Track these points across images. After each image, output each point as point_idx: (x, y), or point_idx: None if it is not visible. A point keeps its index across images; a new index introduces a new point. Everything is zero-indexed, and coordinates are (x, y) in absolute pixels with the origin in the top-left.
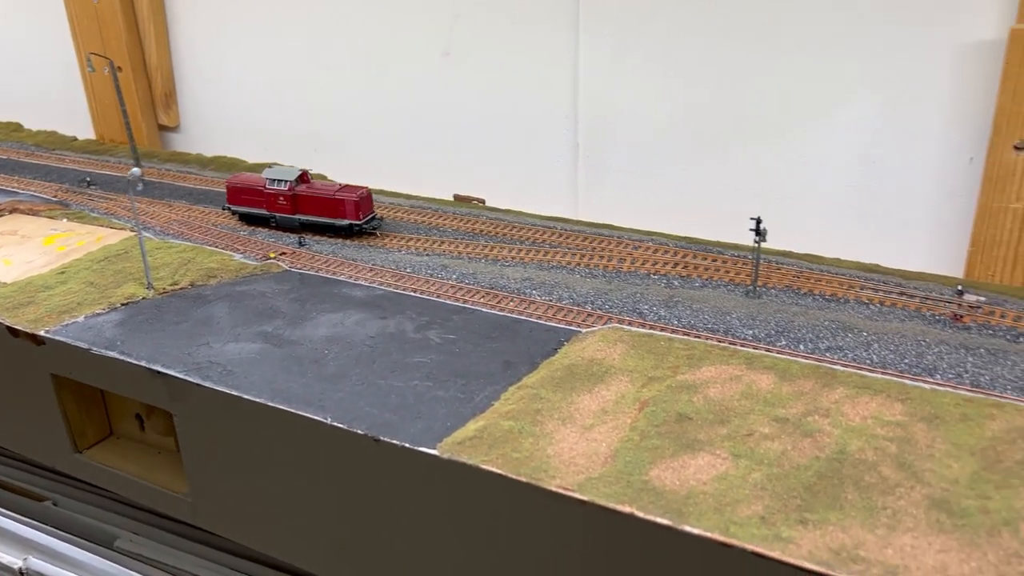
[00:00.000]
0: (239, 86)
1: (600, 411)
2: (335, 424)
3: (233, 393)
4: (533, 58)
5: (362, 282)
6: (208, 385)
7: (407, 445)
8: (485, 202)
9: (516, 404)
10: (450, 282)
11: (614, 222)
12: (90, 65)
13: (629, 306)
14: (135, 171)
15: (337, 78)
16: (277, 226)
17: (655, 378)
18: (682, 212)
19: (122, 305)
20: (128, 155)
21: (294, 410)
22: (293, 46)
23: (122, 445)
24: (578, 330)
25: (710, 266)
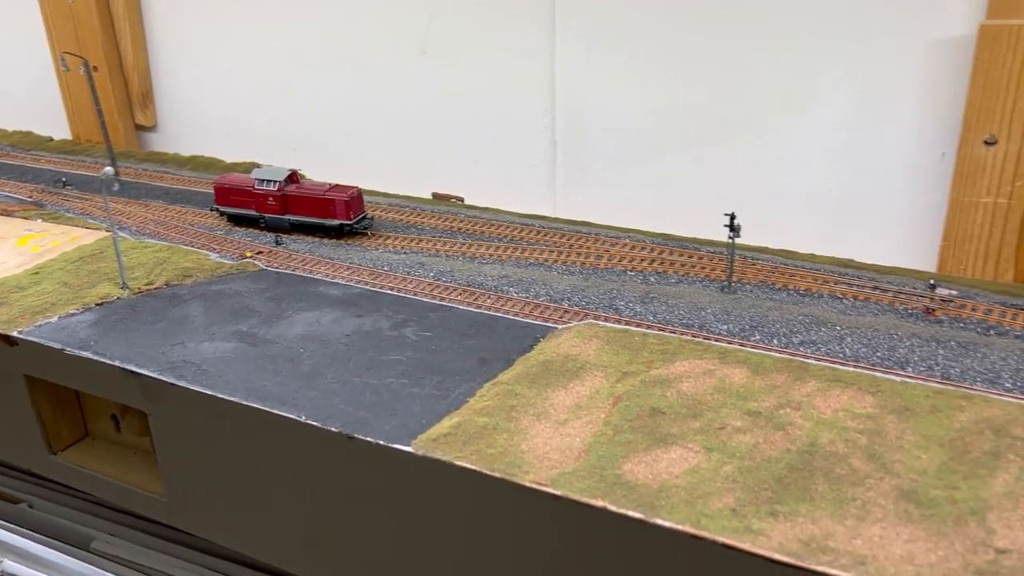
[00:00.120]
0: (217, 85)
1: (574, 406)
2: (309, 422)
3: (207, 392)
4: (510, 56)
5: (339, 280)
6: (182, 384)
7: (381, 442)
8: (464, 200)
9: (491, 400)
10: (427, 280)
11: (592, 219)
12: (64, 64)
13: (605, 302)
14: (108, 170)
15: (315, 77)
16: (267, 227)
17: (629, 373)
18: (659, 209)
19: (96, 305)
20: (104, 155)
21: (268, 409)
22: (271, 45)
23: (97, 446)
24: (554, 326)
25: (686, 262)
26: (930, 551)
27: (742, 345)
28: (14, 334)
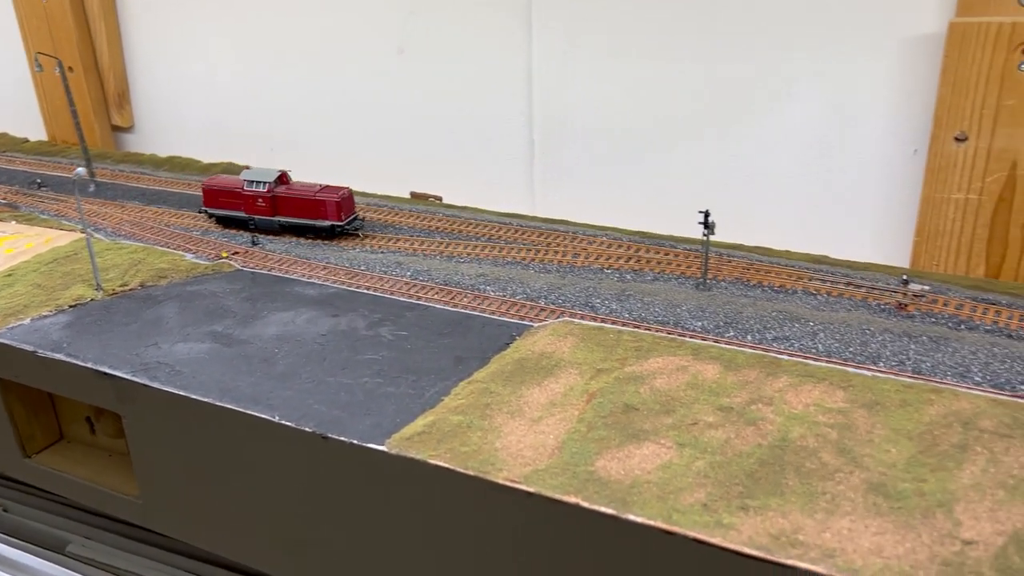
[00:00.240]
0: (194, 85)
1: (548, 404)
2: (283, 422)
3: (181, 393)
4: (487, 54)
5: (315, 280)
6: (156, 386)
7: (355, 442)
8: (442, 199)
9: (466, 399)
10: (404, 279)
11: (570, 218)
12: (38, 65)
13: (582, 300)
14: (79, 171)
15: (292, 76)
16: (256, 229)
17: (603, 370)
18: (637, 207)
19: (70, 307)
20: (80, 156)
21: (242, 409)
22: (248, 44)
23: (72, 449)
24: (531, 324)
25: (662, 260)
26: (898, 543)
27: (716, 341)
28: None
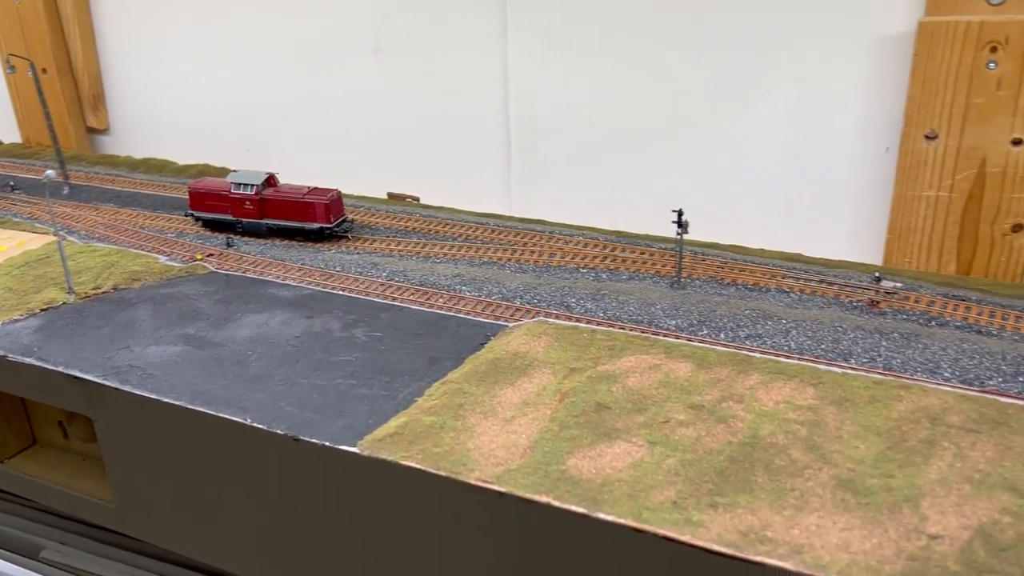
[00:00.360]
0: (170, 87)
1: (521, 403)
2: (255, 425)
3: (153, 396)
4: (463, 55)
5: (289, 282)
6: (127, 389)
7: (327, 444)
8: (419, 200)
9: (439, 399)
10: (380, 280)
11: (547, 217)
12: (9, 67)
13: (557, 300)
14: (49, 173)
15: (268, 77)
16: (244, 232)
17: (576, 369)
18: (613, 206)
19: (41, 311)
20: (55, 158)
21: (214, 412)
22: (224, 45)
23: (45, 454)
24: (506, 324)
25: (638, 259)
26: (865, 539)
27: (689, 340)
28: None
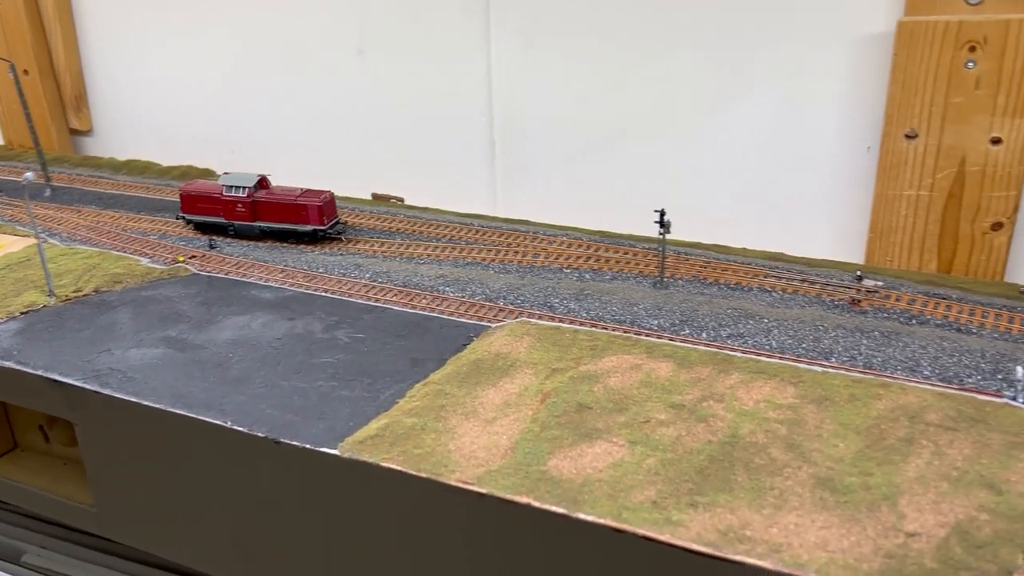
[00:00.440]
0: (153, 87)
1: (503, 404)
2: (235, 427)
3: (133, 400)
4: (446, 55)
5: (272, 284)
6: (107, 392)
7: (308, 446)
8: (403, 200)
9: (420, 401)
10: (363, 281)
11: (532, 218)
12: None
13: (540, 300)
14: (28, 175)
15: (252, 78)
16: (236, 234)
17: (558, 370)
18: (597, 206)
19: (21, 314)
20: (38, 161)
21: (194, 415)
22: (207, 46)
23: (27, 458)
24: (488, 325)
25: (621, 259)
26: (843, 537)
27: (671, 339)
28: None
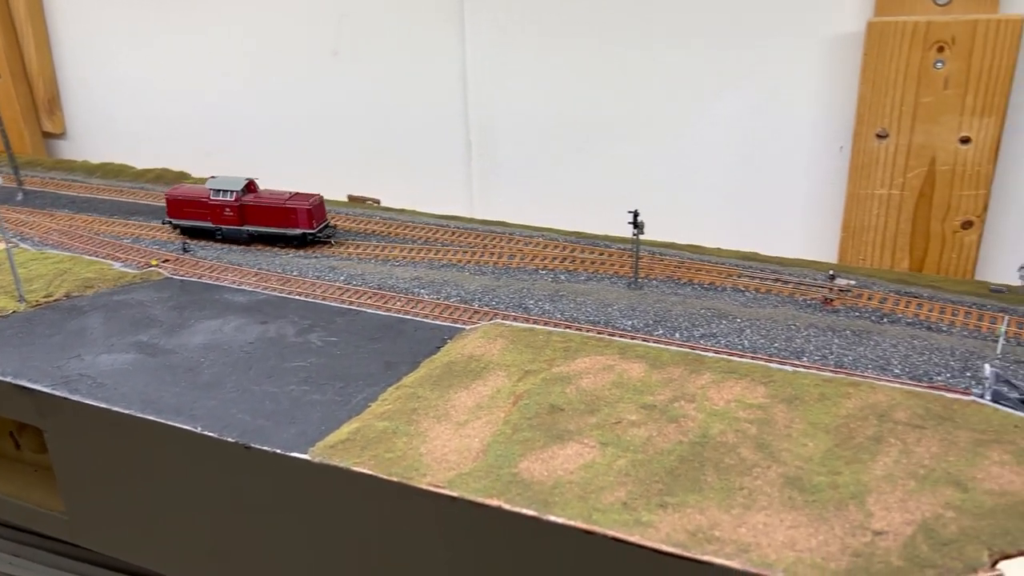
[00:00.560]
0: (128, 90)
1: (475, 407)
2: (206, 433)
3: (102, 406)
4: (422, 56)
5: (245, 287)
6: (76, 399)
7: (278, 451)
8: (380, 202)
9: (393, 404)
10: (337, 284)
11: (509, 219)
12: None
13: (515, 302)
14: None
15: (227, 80)
16: (223, 239)
17: (531, 371)
18: (573, 207)
19: None
20: (9, 165)
21: (164, 420)
22: (182, 48)
23: None
24: (463, 327)
25: (596, 259)
26: (811, 536)
27: (644, 340)
28: None
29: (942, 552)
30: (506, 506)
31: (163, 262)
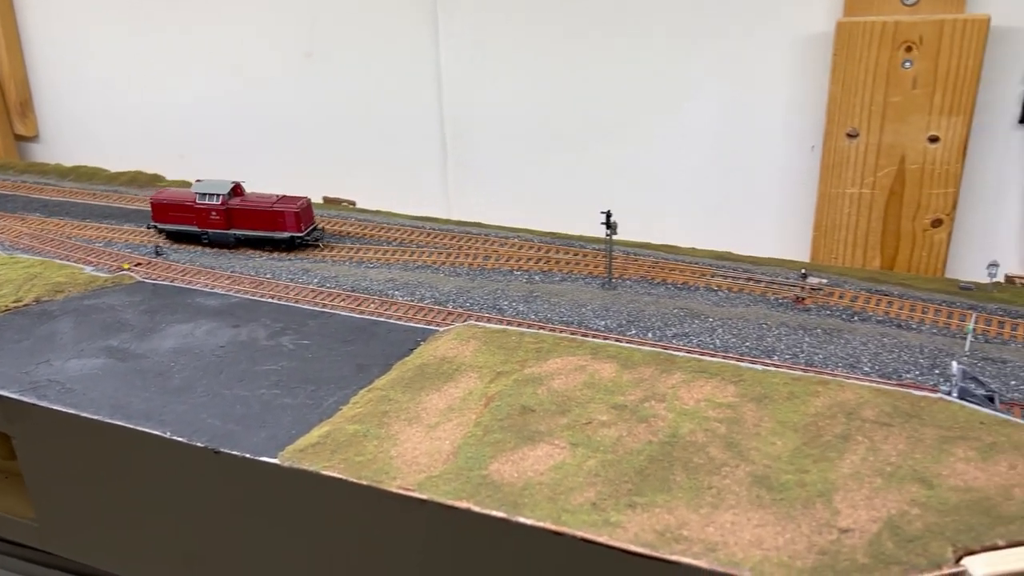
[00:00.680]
0: (100, 92)
1: (447, 409)
2: (175, 438)
3: (70, 411)
4: (396, 57)
5: (218, 290)
6: (44, 404)
7: (247, 455)
8: (355, 204)
9: (364, 407)
10: (310, 286)
11: (485, 220)
12: None
13: (489, 303)
14: None
15: (200, 82)
16: (210, 243)
17: (503, 373)
18: (548, 208)
19: None
20: None
21: (133, 426)
22: (155, 50)
23: None
24: (436, 329)
25: (571, 260)
26: (778, 534)
27: (617, 340)
28: None
29: (907, 549)
30: (475, 508)
31: (135, 266)
